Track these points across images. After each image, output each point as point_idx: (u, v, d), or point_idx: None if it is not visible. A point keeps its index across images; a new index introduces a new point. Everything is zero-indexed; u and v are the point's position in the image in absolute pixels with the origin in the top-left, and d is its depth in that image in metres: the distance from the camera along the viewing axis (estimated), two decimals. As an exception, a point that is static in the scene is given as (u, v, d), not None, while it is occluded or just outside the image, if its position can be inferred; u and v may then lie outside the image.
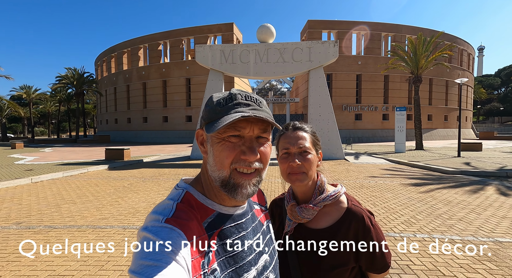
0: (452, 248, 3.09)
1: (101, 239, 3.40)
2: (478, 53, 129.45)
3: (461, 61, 31.48)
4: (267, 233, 0.69)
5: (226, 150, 0.54)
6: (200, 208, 0.56)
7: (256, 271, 0.59)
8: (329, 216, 0.81)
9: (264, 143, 0.57)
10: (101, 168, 9.73)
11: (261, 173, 0.57)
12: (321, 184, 0.83)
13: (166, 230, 0.47)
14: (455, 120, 31.01)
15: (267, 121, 0.54)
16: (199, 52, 12.35)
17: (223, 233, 0.56)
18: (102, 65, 36.46)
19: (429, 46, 15.93)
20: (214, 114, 0.55)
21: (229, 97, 0.56)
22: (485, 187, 6.28)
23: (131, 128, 31.37)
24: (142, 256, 0.44)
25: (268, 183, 6.93)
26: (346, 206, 0.82)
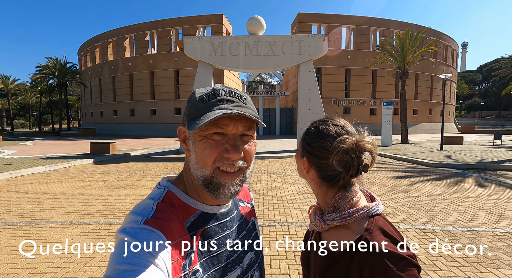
0: (432, 238, 3.23)
1: (85, 235, 3.33)
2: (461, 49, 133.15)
3: (445, 57, 32.29)
4: (252, 230, 0.69)
5: (208, 148, 0.52)
6: (182, 208, 0.55)
7: (240, 269, 0.58)
8: (341, 238, 0.62)
9: (248, 141, 0.55)
10: (86, 162, 9.46)
11: (245, 172, 0.56)
12: (338, 200, 0.64)
13: (145, 232, 0.45)
14: (439, 115, 32.02)
15: (251, 118, 0.53)
16: (187, 44, 12.05)
17: (206, 232, 0.55)
18: (86, 55, 35.05)
19: (416, 41, 16.21)
20: (196, 110, 0.53)
21: (212, 93, 0.54)
22: (465, 179, 6.55)
23: (117, 121, 30.56)
24: (118, 260, 0.42)
25: (257, 177, 6.96)
26: (357, 235, 0.59)
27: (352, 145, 0.60)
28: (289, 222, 3.79)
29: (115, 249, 0.44)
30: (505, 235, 3.27)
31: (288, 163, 9.25)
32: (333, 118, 0.69)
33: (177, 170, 7.94)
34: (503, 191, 5.39)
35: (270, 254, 2.86)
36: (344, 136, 0.62)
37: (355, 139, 0.61)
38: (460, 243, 3.07)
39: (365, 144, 0.61)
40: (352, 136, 0.63)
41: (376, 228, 0.59)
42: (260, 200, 4.85)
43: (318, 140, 0.65)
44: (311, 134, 0.67)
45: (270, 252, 2.91)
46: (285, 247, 3.02)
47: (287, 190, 5.58)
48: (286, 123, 27.54)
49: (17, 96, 45.63)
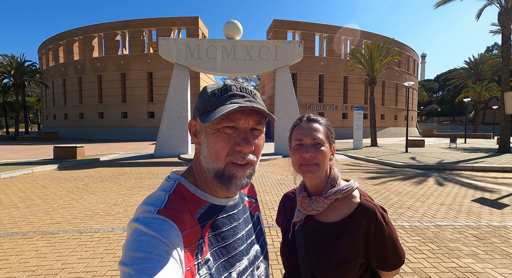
0: (402, 233, 3.47)
1: (52, 246, 3.08)
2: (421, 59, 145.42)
3: (408, 66, 35.02)
4: (257, 224, 0.71)
5: (221, 142, 0.53)
6: (193, 199, 0.56)
7: (248, 260, 0.60)
8: (340, 210, 0.78)
9: (258, 135, 0.57)
10: (49, 168, 8.74)
11: (254, 165, 0.57)
12: (333, 178, 0.81)
13: (158, 221, 0.47)
14: (403, 119, 34.52)
15: (262, 112, 0.55)
16: (162, 45, 11.75)
17: (215, 224, 0.56)
18: (48, 54, 32.54)
19: (382, 51, 17.41)
20: (209, 105, 0.54)
21: (224, 88, 0.55)
22: (427, 178, 7.12)
23: (84, 124, 28.64)
24: (133, 247, 0.43)
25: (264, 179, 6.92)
26: (358, 201, 0.78)
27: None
28: (269, 223, 3.84)
29: (129, 237, 0.45)
30: (463, 228, 3.62)
31: (267, 166, 9.35)
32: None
33: (152, 175, 7.64)
34: (459, 189, 5.95)
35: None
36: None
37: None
38: (427, 237, 3.33)
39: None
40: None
41: (366, 194, 0.83)
42: (240, 203, 4.83)
43: (332, 129, 0.86)
44: (330, 125, 0.87)
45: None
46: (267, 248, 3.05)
47: (266, 192, 5.64)
48: (263, 127, 27.82)
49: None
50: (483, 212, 4.30)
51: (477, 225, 3.73)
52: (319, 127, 0.81)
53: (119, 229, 3.59)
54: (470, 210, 4.40)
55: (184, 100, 12.00)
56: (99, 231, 3.52)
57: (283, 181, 6.84)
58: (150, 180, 6.87)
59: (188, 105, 12.12)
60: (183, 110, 11.96)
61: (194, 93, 25.23)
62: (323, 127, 0.82)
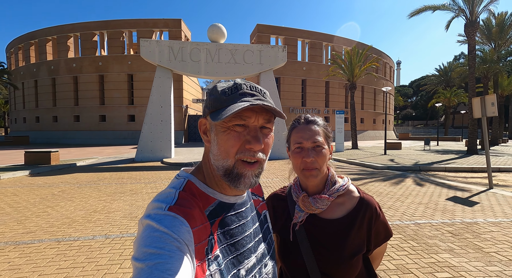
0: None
1: (27, 256, 2.88)
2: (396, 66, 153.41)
3: (384, 72, 36.78)
4: (264, 222, 0.71)
5: (231, 139, 0.54)
6: (202, 197, 0.56)
7: (255, 258, 0.60)
8: (343, 206, 0.82)
9: (267, 133, 0.58)
10: (20, 175, 8.18)
11: (263, 164, 0.58)
12: (332, 176, 0.84)
13: (169, 218, 0.47)
14: (382, 123, 36.05)
15: (273, 110, 0.55)
16: (144, 47, 11.49)
17: (224, 221, 0.57)
18: (17, 53, 30.64)
19: (361, 57, 18.18)
20: (220, 103, 0.54)
21: (234, 86, 0.56)
22: (405, 179, 7.47)
23: (58, 127, 27.13)
24: (145, 243, 0.44)
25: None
26: (358, 195, 0.84)
27: None
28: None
29: (142, 233, 0.46)
30: (440, 225, 3.83)
31: (251, 170, 9.35)
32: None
33: (134, 180, 7.38)
34: (435, 188, 6.30)
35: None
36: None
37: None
38: (407, 235, 3.50)
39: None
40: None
41: (359, 188, 0.89)
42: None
43: (330, 128, 0.89)
44: (328, 125, 0.89)
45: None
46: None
47: (252, 195, 5.64)
48: (247, 130, 27.89)
49: None
50: (457, 209, 4.58)
51: (451, 222, 3.97)
52: (318, 129, 0.81)
53: (101, 237, 3.43)
54: (445, 208, 4.67)
55: (167, 103, 11.77)
56: (79, 239, 3.34)
57: (268, 184, 6.88)
58: (132, 185, 6.64)
59: (171, 108, 11.89)
60: (166, 113, 11.71)
61: (177, 96, 24.79)
62: (321, 129, 0.82)
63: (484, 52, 19.80)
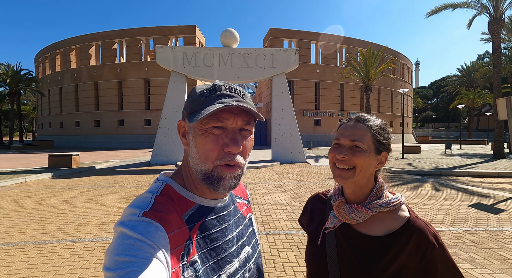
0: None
1: (44, 256, 3.00)
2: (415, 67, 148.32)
3: (402, 74, 35.65)
4: (249, 226, 0.70)
5: (209, 143, 0.53)
6: (181, 201, 0.55)
7: (238, 262, 0.58)
8: (385, 223, 0.71)
9: (247, 136, 0.56)
10: (43, 177, 8.61)
11: (243, 167, 0.56)
12: (380, 188, 0.73)
13: (143, 224, 0.46)
14: (399, 126, 34.85)
15: (250, 112, 0.54)
16: (159, 53, 11.85)
17: (204, 225, 0.55)
18: (44, 62, 32.58)
19: (377, 58, 17.74)
20: (197, 104, 0.53)
21: (212, 88, 0.55)
22: (424, 184, 7.14)
23: (80, 132, 28.44)
24: (117, 251, 0.42)
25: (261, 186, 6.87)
26: (407, 215, 0.70)
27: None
28: (267, 230, 3.79)
29: (114, 242, 0.44)
30: (461, 233, 3.61)
31: (264, 173, 9.31)
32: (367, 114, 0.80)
33: (148, 183, 7.56)
34: (456, 194, 5.97)
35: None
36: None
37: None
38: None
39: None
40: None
41: (414, 212, 0.73)
42: (237, 211, 4.79)
43: (388, 134, 0.75)
44: (388, 131, 0.75)
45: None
46: (264, 256, 3.01)
47: (264, 199, 5.60)
48: (260, 134, 27.90)
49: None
50: (480, 217, 4.30)
51: (474, 230, 3.73)
52: (365, 128, 0.72)
53: (114, 238, 3.52)
54: (467, 215, 4.40)
55: (181, 108, 12.02)
56: (93, 241, 3.44)
57: (280, 188, 6.81)
58: (146, 188, 6.76)
59: (185, 112, 12.12)
60: (180, 118, 11.95)
61: (191, 101, 25.26)
62: (369, 130, 0.72)
63: (510, 50, 18.75)
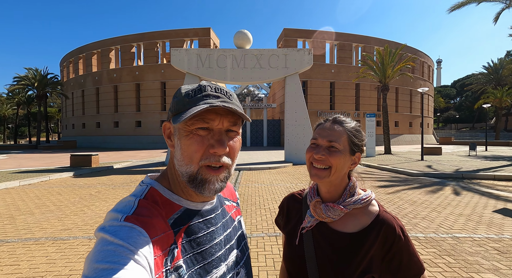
0: (417, 245, 3.29)
1: (62, 252, 3.14)
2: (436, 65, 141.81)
3: (422, 72, 34.24)
4: (238, 228, 0.68)
5: (194, 144, 0.51)
6: (166, 204, 0.54)
7: (226, 266, 0.57)
8: (358, 220, 0.74)
9: (233, 137, 0.55)
10: (65, 176, 9.04)
11: (230, 168, 0.55)
12: (353, 186, 0.77)
13: (125, 229, 0.44)
14: (419, 126, 33.49)
15: (236, 112, 0.53)
16: (174, 56, 12.11)
17: (190, 229, 0.54)
18: (68, 66, 34.29)
19: (394, 57, 17.15)
20: (182, 105, 0.52)
21: (198, 88, 0.54)
22: (444, 187, 6.79)
23: (100, 133, 29.65)
24: (97, 259, 0.40)
25: (245, 188, 6.90)
26: (377, 211, 0.75)
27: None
28: (277, 232, 3.75)
29: (94, 248, 0.42)
30: (483, 241, 3.39)
31: (276, 174, 9.26)
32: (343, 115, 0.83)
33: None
34: (479, 198, 5.63)
35: (257, 265, 2.80)
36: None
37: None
38: (443, 249, 3.15)
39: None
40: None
41: (383, 206, 0.78)
42: (248, 211, 4.79)
43: (362, 135, 0.79)
44: (361, 132, 0.79)
45: (257, 263, 2.86)
46: (273, 258, 2.98)
47: (275, 200, 5.56)
48: (274, 134, 27.79)
49: (-9, 107, 43.47)
50: (506, 223, 4.03)
51: (499, 237, 3.49)
52: (341, 130, 0.75)
53: (127, 236, 3.62)
54: (492, 221, 4.14)
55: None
56: (107, 238, 3.56)
57: (293, 189, 6.73)
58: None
59: (198, 113, 12.30)
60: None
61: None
62: (346, 131, 0.75)
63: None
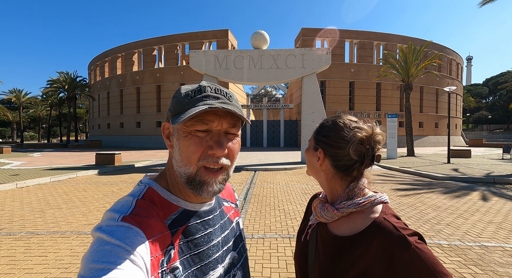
0: (439, 253, 3.11)
1: (85, 246, 3.31)
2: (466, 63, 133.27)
3: (450, 70, 32.35)
4: (236, 230, 0.68)
5: (193, 145, 0.51)
6: (164, 205, 0.54)
7: (223, 268, 0.57)
8: (353, 223, 0.68)
9: (232, 138, 0.55)
10: (91, 173, 9.54)
11: (228, 170, 0.55)
12: (353, 189, 0.70)
13: (122, 229, 0.44)
14: (445, 127, 31.65)
15: (235, 114, 0.52)
16: (193, 58, 12.39)
17: (188, 230, 0.54)
18: (95, 70, 36.21)
19: (419, 54, 16.34)
20: (181, 106, 0.52)
21: (198, 89, 0.53)
22: (473, 193, 6.37)
23: (123, 133, 31.00)
24: (94, 258, 0.40)
25: (260, 189, 6.89)
26: (375, 217, 0.66)
27: (367, 135, 0.67)
28: (290, 234, 3.71)
29: (90, 248, 0.43)
30: (516, 251, 3.14)
31: (292, 175, 9.17)
32: (345, 115, 0.75)
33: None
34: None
35: (270, 267, 2.79)
36: (361, 125, 0.69)
37: (370, 130, 0.67)
38: (469, 258, 2.95)
39: (378, 135, 0.67)
40: (366, 128, 0.69)
41: (390, 212, 0.67)
42: (262, 212, 4.78)
43: (335, 131, 0.70)
44: (327, 126, 0.72)
45: (270, 264, 2.84)
46: (286, 260, 2.94)
47: (290, 202, 5.50)
48: (291, 135, 27.54)
49: (28, 109, 46.94)
50: (543, 233, 3.70)
51: (534, 248, 3.21)
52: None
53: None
54: (526, 230, 3.82)
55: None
56: (126, 234, 3.70)
57: (308, 190, 6.63)
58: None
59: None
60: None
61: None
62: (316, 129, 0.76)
63: None
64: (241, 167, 10.55)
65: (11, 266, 2.78)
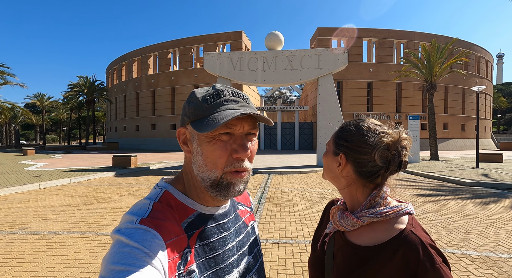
0: (469, 264, 2.88)
1: (103, 246, 3.35)
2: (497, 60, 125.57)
3: (478, 69, 30.57)
4: (251, 234, 0.68)
5: (218, 150, 0.51)
6: (180, 208, 0.54)
7: (238, 273, 0.57)
8: (375, 234, 0.64)
9: (252, 139, 0.55)
10: (108, 175, 9.82)
11: (250, 171, 0.56)
12: (375, 196, 0.66)
13: (140, 232, 0.45)
14: (473, 130, 29.91)
15: (258, 118, 0.53)
16: (207, 60, 12.50)
17: (203, 233, 0.54)
18: (113, 73, 37.50)
19: (444, 52, 15.55)
20: (202, 111, 0.52)
21: (215, 93, 0.53)
22: (505, 200, 5.93)
23: (139, 135, 31.84)
24: (114, 260, 0.41)
25: (275, 193, 6.78)
26: (401, 229, 0.62)
27: (394, 140, 0.63)
28: (306, 239, 3.59)
29: (110, 250, 0.44)
30: (559, 266, 2.84)
31: (307, 179, 8.98)
32: (367, 118, 0.72)
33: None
34: (551, 213, 4.79)
35: (286, 273, 2.69)
36: (386, 130, 0.65)
37: (397, 135, 0.64)
38: (502, 271, 2.70)
39: (404, 140, 0.64)
40: (392, 133, 0.65)
41: (417, 224, 0.64)
42: (277, 216, 4.67)
43: (359, 135, 0.66)
44: (350, 130, 0.69)
45: (285, 270, 2.75)
46: (302, 266, 2.83)
47: (305, 206, 5.36)
48: (305, 138, 27.15)
49: (50, 112, 49.42)
50: None
51: None
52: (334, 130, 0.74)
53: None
54: None
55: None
56: (142, 236, 3.73)
57: (324, 195, 6.45)
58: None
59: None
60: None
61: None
62: (336, 131, 0.73)
63: None
64: (255, 170, 10.48)
65: (35, 264, 2.87)
